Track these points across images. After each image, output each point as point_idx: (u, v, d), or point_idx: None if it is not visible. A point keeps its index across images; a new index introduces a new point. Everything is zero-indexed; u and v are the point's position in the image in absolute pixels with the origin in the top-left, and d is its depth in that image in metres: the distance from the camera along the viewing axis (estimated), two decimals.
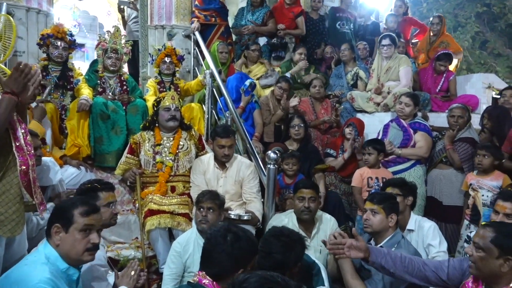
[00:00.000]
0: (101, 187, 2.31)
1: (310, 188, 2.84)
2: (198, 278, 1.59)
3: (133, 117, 3.68)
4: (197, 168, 3.30)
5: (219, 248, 1.62)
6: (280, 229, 2.06)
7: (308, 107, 4.44)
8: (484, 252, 1.74)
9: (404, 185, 2.92)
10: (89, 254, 1.73)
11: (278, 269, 1.83)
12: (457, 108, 3.77)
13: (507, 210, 2.41)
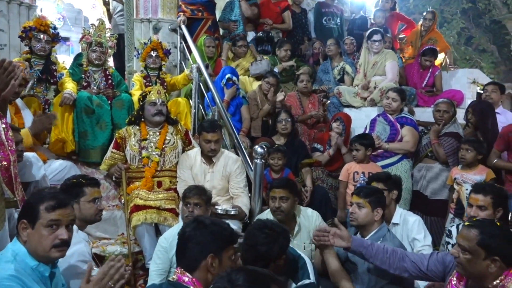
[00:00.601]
0: (87, 182, 2.28)
1: (281, 188, 2.74)
2: (177, 276, 1.56)
3: (119, 112, 3.64)
4: (183, 163, 3.28)
5: (186, 236, 1.62)
6: (264, 222, 2.09)
7: (295, 101, 4.44)
8: (471, 254, 1.75)
9: (388, 180, 2.94)
10: (57, 250, 1.65)
11: (262, 261, 1.87)
12: (443, 103, 3.81)
13: (479, 202, 2.44)
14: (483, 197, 2.45)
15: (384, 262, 2.11)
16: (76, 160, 3.46)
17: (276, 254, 1.94)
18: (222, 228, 1.63)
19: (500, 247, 1.74)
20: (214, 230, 1.61)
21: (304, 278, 2.05)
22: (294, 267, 2.09)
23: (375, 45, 4.54)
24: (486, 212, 2.43)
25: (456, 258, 1.81)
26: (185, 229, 1.65)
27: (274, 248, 1.92)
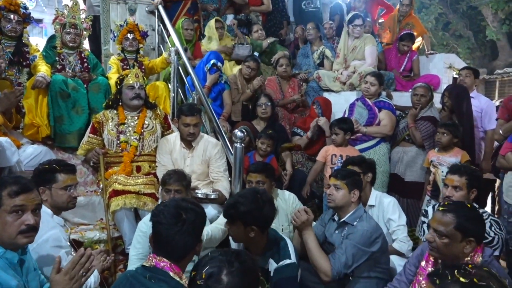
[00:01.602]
0: (60, 168, 2.19)
1: (258, 172, 2.82)
2: (154, 262, 1.51)
3: (95, 96, 3.56)
4: (163, 148, 3.25)
5: (174, 230, 1.52)
6: (257, 188, 2.24)
7: (275, 86, 4.43)
8: (448, 238, 1.79)
9: (363, 163, 2.99)
10: (24, 236, 1.59)
11: (237, 220, 1.99)
12: (420, 87, 3.87)
13: (454, 182, 2.51)
14: (459, 178, 2.51)
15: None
16: (52, 145, 3.38)
17: (251, 219, 2.00)
18: (204, 214, 1.63)
19: (475, 228, 1.80)
20: (203, 218, 1.61)
21: (285, 258, 2.08)
22: (275, 248, 2.12)
23: (356, 30, 4.55)
24: (460, 192, 2.50)
25: (431, 243, 1.85)
26: (169, 219, 1.54)
27: (253, 212, 2.00)
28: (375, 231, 2.37)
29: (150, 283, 1.43)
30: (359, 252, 2.30)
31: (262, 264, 2.08)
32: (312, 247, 2.29)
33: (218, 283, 1.08)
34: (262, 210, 2.05)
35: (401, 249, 2.83)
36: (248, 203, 2.03)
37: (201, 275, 1.10)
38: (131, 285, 1.48)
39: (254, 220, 2.04)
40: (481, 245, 1.85)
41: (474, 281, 1.18)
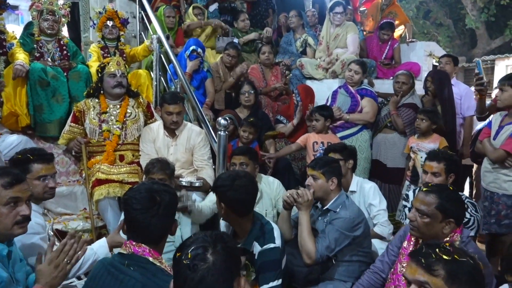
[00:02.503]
0: (33, 158, 2.12)
1: (241, 154, 2.87)
2: (132, 248, 1.47)
3: (76, 84, 3.50)
4: (146, 136, 3.23)
5: (151, 214, 1.49)
6: (237, 171, 2.31)
7: (258, 74, 4.43)
8: (429, 217, 1.85)
9: (344, 150, 3.03)
10: (19, 227, 1.61)
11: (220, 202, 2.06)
12: (402, 75, 3.93)
13: (433, 169, 2.57)
14: (437, 164, 2.58)
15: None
16: (32, 135, 3.33)
17: (228, 203, 2.07)
18: (176, 195, 1.61)
19: (455, 210, 1.86)
20: (175, 199, 1.59)
21: (270, 242, 2.11)
22: (261, 231, 2.15)
23: (337, 17, 4.57)
24: (439, 178, 2.56)
25: (412, 222, 1.91)
26: (144, 203, 1.50)
27: (230, 197, 2.06)
28: (357, 216, 2.42)
29: (130, 270, 1.41)
30: (341, 237, 2.35)
31: (247, 247, 2.12)
32: (305, 228, 2.34)
33: (204, 262, 1.10)
34: (238, 195, 2.07)
35: (382, 233, 2.90)
36: (228, 179, 2.10)
37: (187, 255, 1.11)
38: (110, 274, 1.44)
39: (231, 204, 2.09)
40: (460, 227, 1.92)
41: (456, 258, 1.23)
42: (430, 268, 1.24)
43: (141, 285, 1.36)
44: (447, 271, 1.22)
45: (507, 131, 2.94)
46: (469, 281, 1.21)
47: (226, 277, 1.11)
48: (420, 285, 1.25)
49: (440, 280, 1.22)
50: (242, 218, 2.14)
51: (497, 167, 2.99)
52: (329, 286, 2.41)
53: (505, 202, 2.98)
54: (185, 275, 1.09)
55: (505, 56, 9.73)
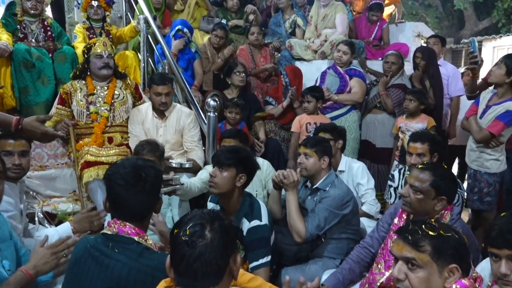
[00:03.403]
0: (1, 134, 2.10)
1: (231, 137, 2.89)
2: (117, 228, 1.42)
3: (61, 66, 3.45)
4: (134, 118, 3.21)
5: (136, 190, 1.44)
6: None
7: (246, 55, 4.40)
8: (423, 194, 1.88)
9: (334, 130, 3.05)
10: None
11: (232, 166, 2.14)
12: (392, 55, 3.93)
13: (418, 150, 2.59)
14: (421, 145, 2.60)
15: (363, 268, 2.21)
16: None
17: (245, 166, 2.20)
18: (161, 171, 1.57)
19: (448, 188, 1.90)
20: (160, 176, 1.55)
21: (257, 218, 2.16)
22: (249, 208, 2.20)
23: None
24: (424, 158, 2.58)
25: (405, 197, 1.94)
26: (129, 180, 1.44)
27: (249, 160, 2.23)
28: (346, 195, 2.45)
29: (115, 253, 1.37)
30: (331, 215, 2.38)
31: (236, 224, 2.14)
32: (293, 208, 2.37)
33: (203, 239, 1.11)
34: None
35: (369, 211, 2.96)
36: (245, 151, 2.27)
37: (185, 231, 1.12)
38: (93, 257, 1.39)
39: (248, 167, 2.20)
40: (451, 205, 1.96)
41: (441, 233, 1.26)
42: (416, 244, 1.26)
43: (127, 267, 1.34)
44: (433, 246, 1.25)
45: (494, 111, 2.97)
46: (454, 255, 1.24)
47: (223, 254, 1.13)
48: (407, 261, 1.28)
49: (427, 256, 1.25)
50: (245, 186, 2.22)
51: (481, 146, 3.05)
52: (319, 263, 2.45)
53: (487, 180, 3.06)
54: (183, 251, 1.11)
55: (492, 37, 9.79)
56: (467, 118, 3.19)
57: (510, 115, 2.89)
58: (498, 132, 2.94)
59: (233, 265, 1.17)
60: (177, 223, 1.18)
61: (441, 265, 1.24)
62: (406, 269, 1.27)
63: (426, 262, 1.25)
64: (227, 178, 2.15)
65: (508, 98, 2.93)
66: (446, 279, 1.24)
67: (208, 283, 1.12)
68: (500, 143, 3.01)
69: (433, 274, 1.24)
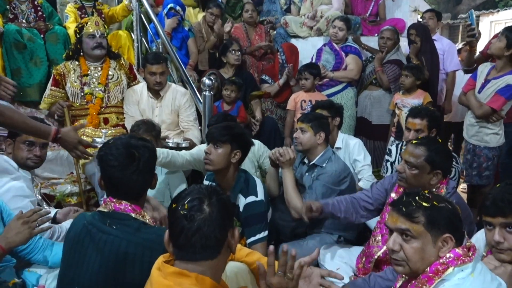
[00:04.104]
0: None
1: (218, 123, 2.87)
2: (113, 206, 1.41)
3: (54, 47, 3.40)
4: (129, 99, 3.19)
5: (130, 170, 1.41)
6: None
7: (241, 33, 4.34)
8: (418, 169, 1.89)
9: (332, 107, 3.04)
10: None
11: (227, 142, 2.17)
12: (387, 30, 3.90)
13: (416, 126, 2.60)
14: (420, 121, 2.61)
15: (348, 213, 2.20)
16: (12, 100, 3.23)
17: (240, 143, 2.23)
18: (154, 149, 1.55)
19: (442, 162, 1.92)
20: (154, 153, 1.52)
21: (252, 194, 2.20)
22: (245, 184, 2.23)
23: None
24: (422, 134, 2.60)
25: (401, 173, 1.96)
26: (122, 160, 1.42)
27: (244, 137, 2.26)
28: (343, 171, 2.47)
29: (112, 229, 1.36)
30: (328, 191, 2.40)
31: (232, 200, 2.16)
32: (289, 185, 2.39)
33: (201, 212, 1.12)
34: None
35: (366, 187, 2.96)
36: (239, 128, 2.29)
37: (183, 206, 1.13)
38: (91, 234, 1.38)
39: (242, 143, 2.22)
40: (446, 179, 1.98)
41: (435, 204, 1.28)
42: (410, 215, 1.28)
43: (126, 242, 1.34)
44: (426, 217, 1.27)
45: (493, 85, 2.94)
46: (448, 225, 1.26)
47: (221, 227, 1.14)
48: (401, 233, 1.30)
49: (421, 226, 1.26)
50: (239, 162, 2.25)
51: (480, 120, 3.04)
52: (316, 238, 2.49)
53: (486, 154, 3.06)
54: (182, 225, 1.12)
55: (490, 11, 9.70)
56: (465, 93, 3.17)
57: (511, 89, 2.86)
58: (500, 107, 2.91)
59: (231, 239, 1.19)
60: (175, 198, 1.19)
61: (435, 235, 1.26)
62: (400, 241, 1.29)
63: (420, 233, 1.26)
64: (222, 155, 2.17)
65: (508, 71, 2.89)
66: (440, 248, 1.26)
67: (207, 256, 1.13)
68: (501, 117, 2.99)
69: (427, 244, 1.26)
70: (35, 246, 1.84)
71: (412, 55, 3.82)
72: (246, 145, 2.26)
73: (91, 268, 1.36)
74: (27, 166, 2.16)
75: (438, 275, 1.23)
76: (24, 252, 1.82)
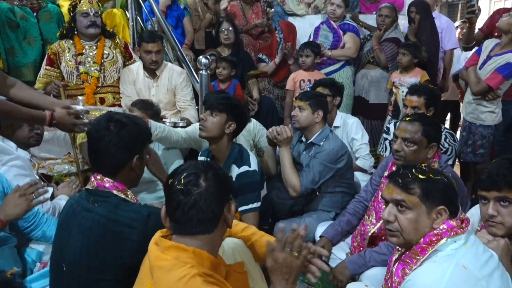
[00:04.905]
0: None
1: None
2: (96, 183, 1.43)
3: (47, 25, 3.36)
4: (125, 78, 3.17)
5: (105, 142, 1.41)
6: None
7: (238, 11, 4.28)
8: (416, 144, 1.91)
9: (333, 86, 3.03)
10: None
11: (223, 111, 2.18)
12: (385, 8, 3.84)
13: (414, 103, 2.60)
14: (417, 98, 2.60)
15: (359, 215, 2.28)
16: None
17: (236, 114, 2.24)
18: (142, 126, 1.52)
19: (437, 134, 1.96)
20: (138, 131, 1.48)
21: (246, 164, 2.23)
22: (238, 155, 2.25)
23: None
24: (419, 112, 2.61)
25: (398, 152, 1.96)
26: (99, 132, 1.42)
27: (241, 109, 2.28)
28: (341, 149, 2.48)
29: (94, 207, 1.38)
30: (325, 169, 2.42)
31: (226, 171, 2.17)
32: (286, 163, 2.40)
33: (197, 187, 1.14)
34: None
35: (363, 166, 2.99)
36: (236, 100, 2.31)
37: (179, 181, 1.14)
38: (75, 213, 1.41)
39: (238, 115, 2.23)
40: (438, 152, 2.00)
41: (431, 177, 1.30)
42: (406, 187, 1.30)
43: (104, 219, 1.35)
44: (422, 189, 1.29)
45: (494, 62, 2.92)
46: (443, 197, 1.28)
47: (218, 202, 1.16)
48: (397, 204, 1.32)
49: (416, 198, 1.29)
50: (234, 134, 2.27)
51: (477, 98, 3.04)
52: (313, 216, 2.51)
53: (481, 132, 3.07)
54: (178, 199, 1.13)
55: None
56: (467, 68, 3.15)
57: (510, 67, 2.84)
58: (496, 85, 2.89)
59: (227, 213, 1.20)
60: (172, 173, 1.19)
61: (429, 206, 1.28)
62: (396, 211, 1.32)
63: (415, 204, 1.29)
64: (216, 123, 2.18)
65: (510, 49, 2.86)
66: (434, 220, 1.28)
67: (204, 230, 1.15)
68: (497, 96, 2.98)
69: (422, 215, 1.28)
70: (39, 222, 1.87)
71: (410, 36, 3.78)
72: (241, 119, 2.26)
73: (75, 246, 1.37)
74: (29, 144, 2.18)
75: (431, 245, 1.26)
76: (28, 229, 1.85)
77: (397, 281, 1.30)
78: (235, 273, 1.30)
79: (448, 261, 1.20)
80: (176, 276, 1.06)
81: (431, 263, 1.23)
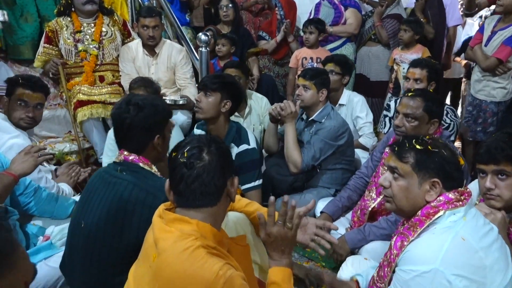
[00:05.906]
0: (20, 82, 2.15)
1: (233, 67, 2.91)
2: (123, 157, 1.50)
3: (44, 3, 3.30)
4: (125, 56, 3.14)
5: (127, 124, 1.49)
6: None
7: None
8: (417, 120, 1.91)
9: (345, 64, 2.99)
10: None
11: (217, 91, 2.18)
12: None
13: (416, 75, 2.59)
14: (420, 71, 2.59)
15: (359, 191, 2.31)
16: (5, 58, 3.19)
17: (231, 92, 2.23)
18: (159, 107, 1.56)
19: (439, 110, 1.95)
20: (156, 112, 1.53)
21: (244, 143, 2.24)
22: (236, 134, 2.27)
23: None
24: (421, 85, 2.59)
25: (399, 127, 1.97)
26: (121, 115, 1.50)
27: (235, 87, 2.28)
28: (341, 126, 2.48)
29: (122, 175, 1.45)
30: (326, 146, 2.43)
31: None
32: (290, 139, 2.42)
33: (200, 160, 1.15)
34: (240, 88, 2.32)
35: (366, 144, 3.00)
36: (230, 78, 2.33)
37: (183, 154, 1.15)
38: (103, 179, 1.49)
39: (233, 93, 2.21)
40: (439, 128, 2.00)
41: (428, 148, 1.30)
42: (401, 155, 1.33)
43: (132, 185, 1.41)
44: (416, 159, 1.30)
45: (500, 36, 2.89)
46: (438, 170, 1.28)
47: (220, 175, 1.17)
48: (391, 170, 1.35)
49: (408, 167, 1.31)
50: (230, 113, 2.27)
51: (487, 75, 3.01)
52: (314, 192, 2.54)
53: (492, 109, 3.04)
54: (181, 172, 1.14)
55: None
56: (472, 47, 3.11)
57: None
58: (506, 58, 2.86)
59: (230, 187, 1.21)
60: (175, 147, 1.20)
61: (422, 177, 1.29)
62: (391, 178, 1.35)
63: (407, 172, 1.31)
64: (212, 103, 2.18)
65: None
66: (427, 191, 1.29)
67: (207, 203, 1.16)
68: (508, 69, 2.94)
69: (413, 184, 1.30)
70: (40, 198, 1.91)
71: (417, 12, 3.72)
72: (237, 96, 2.26)
73: (97, 206, 1.44)
74: (20, 126, 2.16)
75: (429, 218, 1.27)
76: (29, 205, 1.89)
77: (395, 253, 1.32)
78: (237, 245, 1.32)
79: (447, 233, 1.22)
80: (180, 248, 1.07)
81: (430, 235, 1.25)
